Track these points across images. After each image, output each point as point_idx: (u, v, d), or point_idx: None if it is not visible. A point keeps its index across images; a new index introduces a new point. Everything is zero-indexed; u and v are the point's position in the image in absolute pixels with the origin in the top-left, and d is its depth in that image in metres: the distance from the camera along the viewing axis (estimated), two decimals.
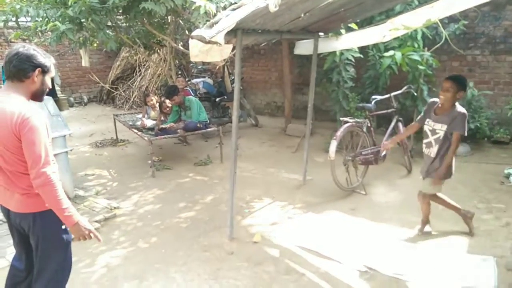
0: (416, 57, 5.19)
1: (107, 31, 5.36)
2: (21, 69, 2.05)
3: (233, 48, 3.96)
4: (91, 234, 2.16)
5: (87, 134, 8.18)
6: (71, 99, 11.64)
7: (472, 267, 3.06)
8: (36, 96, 2.16)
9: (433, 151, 3.36)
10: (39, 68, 2.08)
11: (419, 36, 5.50)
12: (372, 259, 3.25)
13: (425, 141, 3.45)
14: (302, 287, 2.97)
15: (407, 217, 4.00)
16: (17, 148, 2.00)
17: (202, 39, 2.95)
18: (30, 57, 2.07)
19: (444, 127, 3.25)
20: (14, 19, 4.77)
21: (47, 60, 2.14)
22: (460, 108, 3.23)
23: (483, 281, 2.88)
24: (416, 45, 5.48)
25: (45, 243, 2.23)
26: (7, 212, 2.26)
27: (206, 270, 3.20)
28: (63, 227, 2.19)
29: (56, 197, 2.01)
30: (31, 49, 2.11)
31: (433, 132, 3.35)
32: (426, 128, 3.44)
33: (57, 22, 4.48)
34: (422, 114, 3.57)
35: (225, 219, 3.77)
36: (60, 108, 10.34)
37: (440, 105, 3.33)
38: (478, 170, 5.13)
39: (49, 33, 4.84)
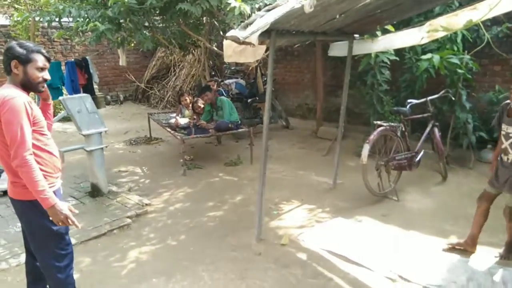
0: (455, 60, 5.00)
1: (144, 32, 5.49)
2: (3, 63, 2.21)
3: (267, 49, 3.96)
4: (69, 220, 2.20)
5: (122, 131, 8.42)
6: (108, 97, 12.04)
7: (510, 281, 2.91)
8: (28, 87, 2.24)
9: (510, 158, 3.03)
10: (14, 60, 2.17)
11: (459, 39, 5.30)
12: (403, 267, 3.15)
13: (502, 147, 3.11)
14: None
15: (441, 225, 3.86)
16: (2, 131, 2.10)
17: (236, 40, 2.97)
18: (6, 51, 2.20)
19: None
20: (57, 19, 4.97)
21: (24, 51, 2.19)
22: None
23: None
24: (455, 48, 5.29)
25: (32, 232, 2.34)
26: None
27: (233, 270, 3.21)
28: (51, 218, 2.23)
29: (32, 179, 2.08)
30: (12, 43, 2.24)
31: (507, 136, 3.04)
32: (502, 133, 3.11)
33: (97, 23, 4.64)
34: (495, 119, 3.23)
35: (254, 220, 3.77)
36: (98, 105, 10.66)
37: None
38: None
39: (89, 33, 5.02)
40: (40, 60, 2.25)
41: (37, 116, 2.24)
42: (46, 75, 2.30)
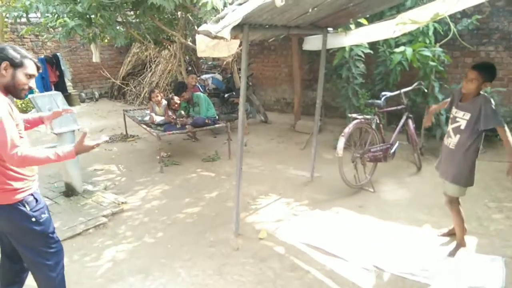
0: (427, 53, 5.09)
1: (117, 27, 5.37)
2: None
3: (241, 44, 3.94)
4: (94, 145, 2.26)
5: (97, 129, 8.25)
6: (83, 94, 11.78)
7: (480, 267, 3.00)
8: (11, 91, 2.19)
9: (452, 142, 3.08)
10: (6, 61, 2.11)
11: (430, 32, 5.40)
12: (379, 257, 3.21)
13: (447, 129, 3.17)
14: (306, 285, 2.94)
15: (415, 215, 3.94)
16: None
17: (208, 34, 2.94)
18: None
19: (467, 115, 2.96)
20: (24, 15, 4.81)
21: (18, 55, 2.15)
22: (484, 95, 2.93)
23: (491, 282, 2.82)
24: (427, 41, 5.39)
25: (17, 235, 2.29)
26: None
27: (211, 266, 3.20)
28: (33, 219, 2.24)
29: (41, 161, 2.11)
30: (5, 45, 2.19)
31: (454, 120, 3.08)
32: (450, 116, 3.16)
33: (66, 18, 4.51)
34: (449, 102, 3.27)
35: (231, 215, 3.77)
36: (72, 103, 10.48)
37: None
38: (490, 169, 5.02)
39: (60, 28, 4.88)
40: (31, 68, 2.21)
41: (17, 118, 2.18)
42: (32, 83, 2.26)
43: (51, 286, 2.41)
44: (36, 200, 2.29)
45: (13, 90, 2.18)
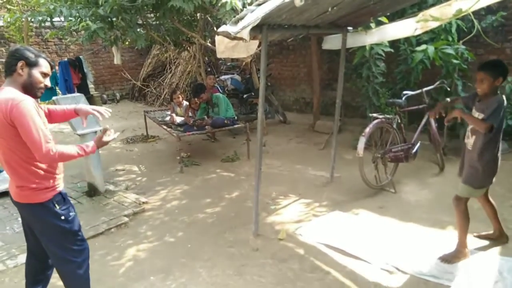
0: (450, 50, 4.99)
1: (138, 29, 5.45)
2: (7, 63, 2.21)
3: (260, 44, 3.94)
4: (111, 137, 2.51)
5: (118, 130, 8.38)
6: (104, 96, 12.01)
7: (506, 271, 2.92)
8: (27, 90, 2.24)
9: (469, 142, 3.05)
10: (22, 61, 2.18)
11: (453, 29, 5.28)
12: (400, 259, 3.16)
13: (467, 129, 3.12)
14: (327, 286, 2.92)
15: (438, 216, 3.86)
16: (11, 135, 2.11)
17: (227, 35, 2.96)
18: (14, 51, 2.23)
19: (481, 116, 2.91)
20: (49, 19, 4.94)
21: (32, 54, 2.24)
22: (498, 96, 2.87)
23: None
24: (450, 39, 5.27)
25: (45, 233, 2.36)
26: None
27: (231, 266, 3.21)
28: (62, 217, 2.31)
29: (70, 157, 2.24)
30: (19, 46, 2.30)
31: None
32: None
33: (89, 22, 4.60)
34: (468, 95, 3.20)
35: (251, 216, 3.77)
36: (94, 105, 10.66)
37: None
38: None
39: (82, 32, 4.99)
40: (45, 66, 2.29)
41: (42, 116, 2.25)
42: (47, 81, 2.34)
43: (78, 283, 2.48)
44: (64, 199, 2.37)
45: (30, 89, 2.24)
